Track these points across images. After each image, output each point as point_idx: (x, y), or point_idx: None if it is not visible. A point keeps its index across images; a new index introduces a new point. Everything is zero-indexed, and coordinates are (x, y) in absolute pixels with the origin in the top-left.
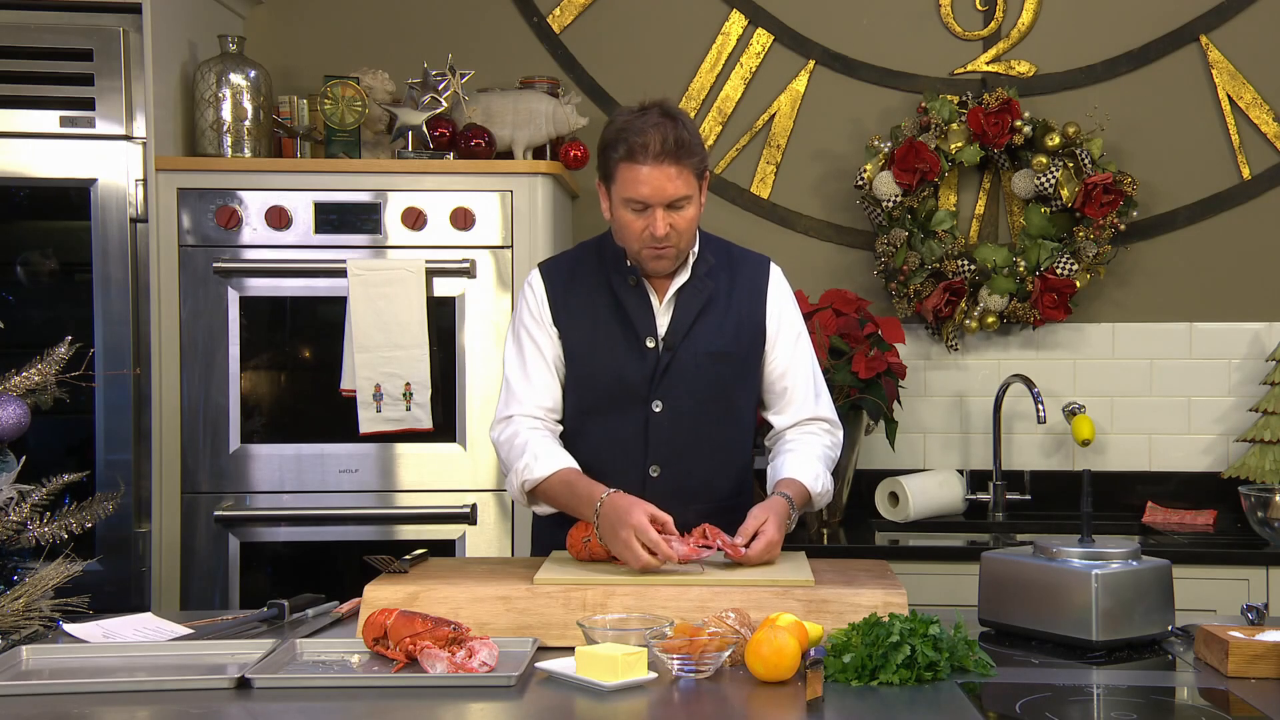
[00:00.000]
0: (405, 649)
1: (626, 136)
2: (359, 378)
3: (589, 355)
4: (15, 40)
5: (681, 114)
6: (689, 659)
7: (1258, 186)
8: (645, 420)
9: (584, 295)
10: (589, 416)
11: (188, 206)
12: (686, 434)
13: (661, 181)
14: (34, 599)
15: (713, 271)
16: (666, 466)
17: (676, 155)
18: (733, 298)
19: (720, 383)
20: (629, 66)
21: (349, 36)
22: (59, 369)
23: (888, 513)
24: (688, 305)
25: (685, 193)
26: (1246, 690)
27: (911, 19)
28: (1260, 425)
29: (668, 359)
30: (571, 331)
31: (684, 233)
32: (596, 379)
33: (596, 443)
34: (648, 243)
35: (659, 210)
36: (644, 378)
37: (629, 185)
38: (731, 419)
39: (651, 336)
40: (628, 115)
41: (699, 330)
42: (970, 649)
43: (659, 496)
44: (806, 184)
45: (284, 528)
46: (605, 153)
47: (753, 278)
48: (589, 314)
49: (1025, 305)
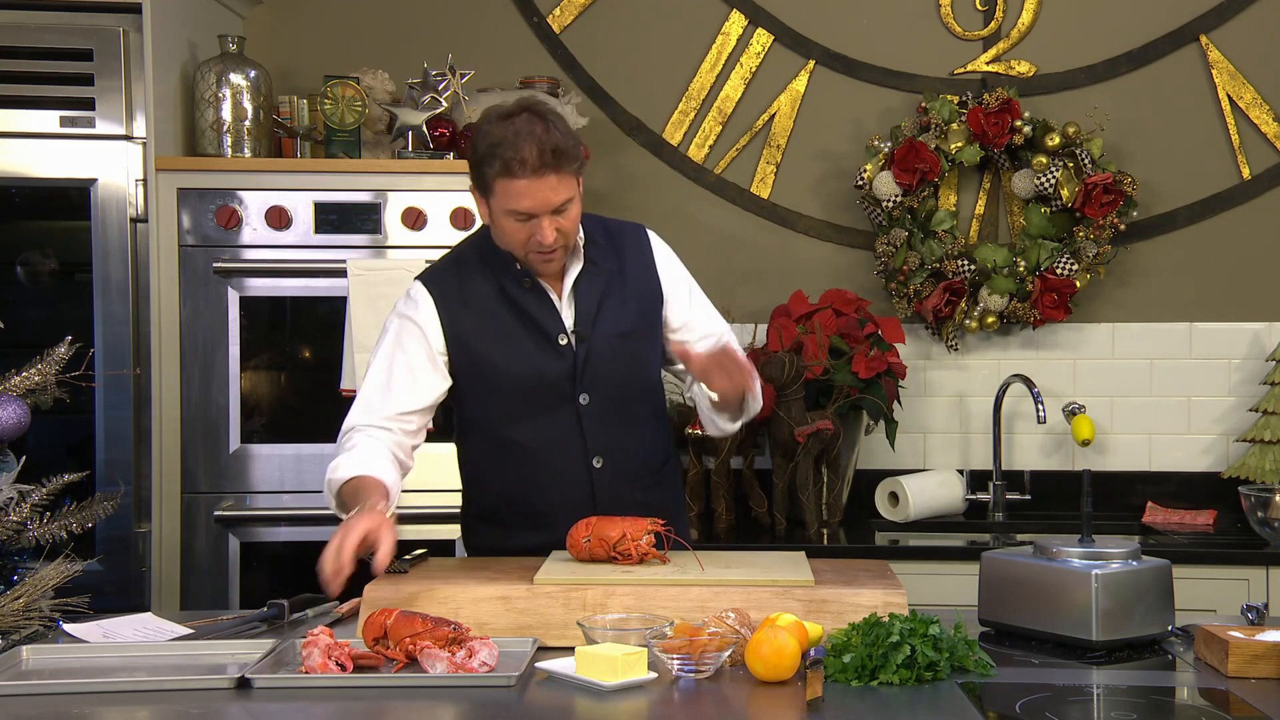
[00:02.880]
0: (405, 649)
1: (500, 152)
2: (359, 378)
3: (503, 365)
4: (15, 40)
5: (550, 113)
6: (689, 659)
7: (1258, 186)
8: (576, 415)
9: (479, 306)
10: (519, 423)
11: (188, 206)
12: (617, 419)
13: (544, 193)
14: (34, 599)
15: (602, 253)
16: (607, 455)
17: (556, 164)
18: (625, 275)
19: (636, 361)
20: (629, 66)
21: (349, 36)
22: (59, 369)
23: (888, 513)
24: (588, 294)
25: (567, 196)
26: (1246, 690)
27: (911, 19)
28: (1260, 425)
29: (584, 351)
30: (475, 343)
31: (569, 232)
32: (517, 384)
33: (533, 446)
34: (535, 249)
35: (545, 219)
36: (565, 375)
37: (509, 199)
38: (650, 393)
39: (562, 333)
40: (496, 124)
41: (604, 316)
42: (970, 649)
43: (605, 485)
44: (806, 184)
45: (284, 528)
46: (479, 167)
47: (637, 249)
48: (491, 324)
49: (1025, 305)
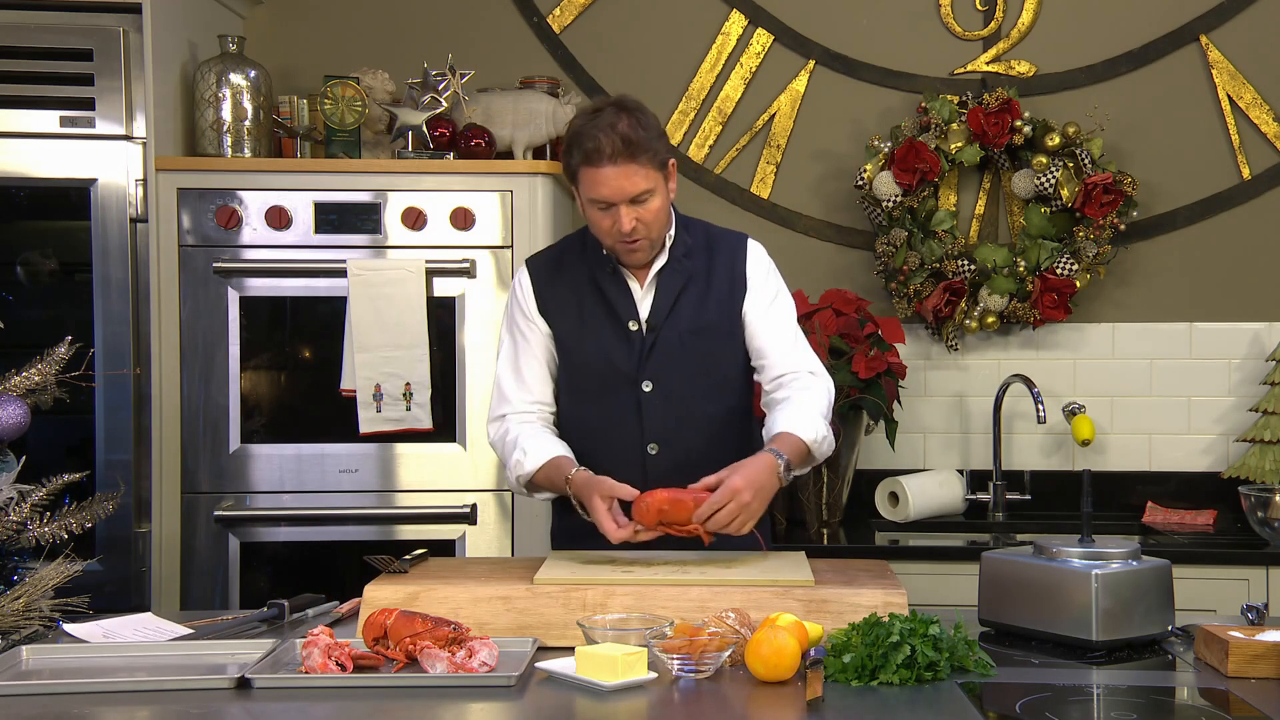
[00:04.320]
0: (405, 649)
1: (581, 141)
2: (359, 378)
3: (578, 344)
4: (15, 40)
5: (637, 108)
6: (689, 659)
7: (1258, 186)
8: (637, 401)
9: (568, 287)
10: (585, 403)
11: (188, 206)
12: (679, 410)
13: (619, 181)
14: (34, 599)
15: (691, 252)
16: (664, 444)
17: (631, 154)
18: (712, 276)
19: (706, 358)
20: (629, 66)
21: (349, 36)
22: (59, 369)
23: (888, 513)
24: (668, 287)
25: (646, 187)
26: (1246, 690)
27: (911, 19)
28: (1260, 425)
29: (651, 340)
30: (560, 323)
31: (652, 224)
32: (588, 366)
33: (595, 426)
34: (618, 238)
35: (623, 207)
36: (630, 360)
37: (590, 187)
38: (723, 392)
39: (634, 320)
40: (583, 117)
41: (680, 310)
42: (970, 649)
43: (660, 473)
44: (806, 184)
45: (284, 528)
46: (566, 156)
47: (730, 255)
48: (574, 305)
49: (1025, 305)
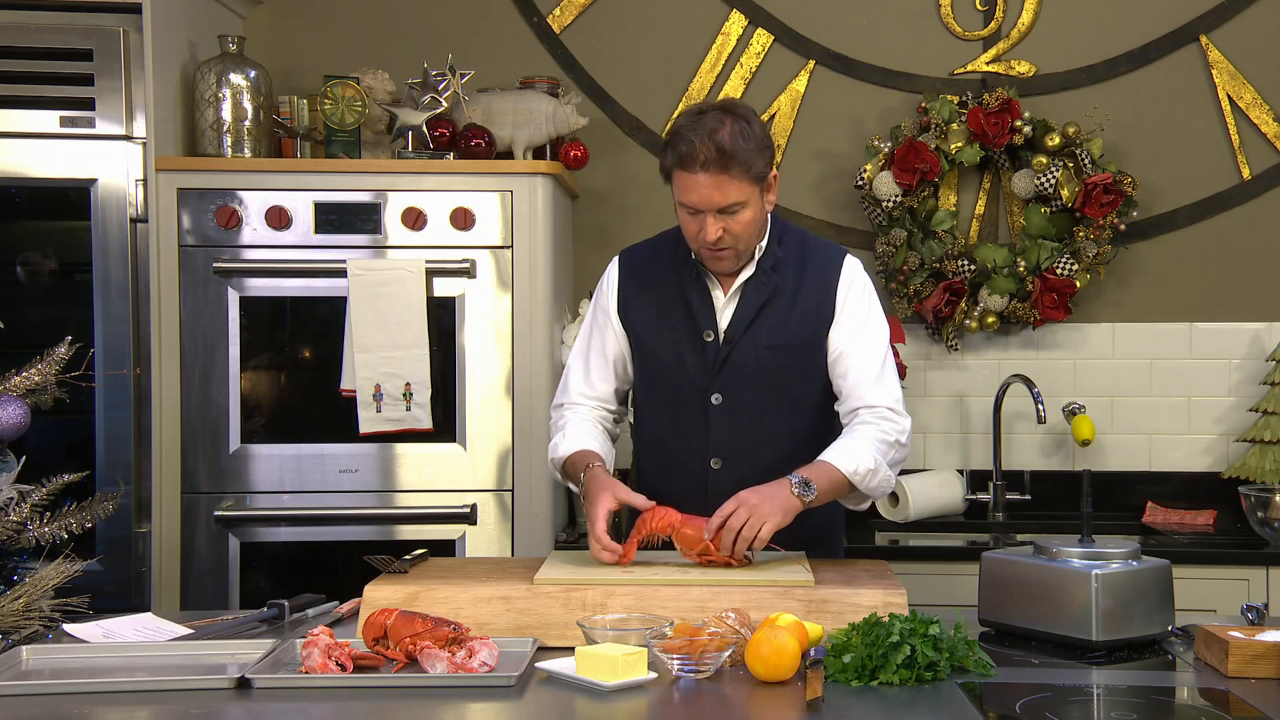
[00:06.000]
0: (405, 649)
1: (677, 142)
2: (359, 378)
3: (654, 348)
4: (15, 40)
5: (741, 118)
6: (689, 659)
7: (1258, 186)
8: (705, 412)
9: (653, 288)
10: (656, 407)
11: (188, 206)
12: (747, 427)
13: (708, 190)
14: (34, 599)
15: (780, 265)
16: (728, 459)
17: (724, 164)
18: (801, 291)
19: (781, 374)
20: (629, 66)
21: (349, 36)
22: (59, 369)
23: (888, 513)
24: (751, 299)
25: (737, 199)
26: (1246, 690)
27: (911, 19)
28: (1260, 425)
29: (726, 352)
30: (638, 325)
31: (740, 235)
32: (661, 370)
33: (662, 434)
34: (704, 244)
35: (709, 216)
36: (703, 370)
37: (681, 190)
38: (796, 412)
39: (711, 330)
40: (687, 117)
41: (761, 324)
42: (970, 649)
43: (721, 489)
44: (806, 184)
45: (284, 528)
46: (662, 152)
47: (824, 270)
48: (656, 306)
49: (1025, 305)
